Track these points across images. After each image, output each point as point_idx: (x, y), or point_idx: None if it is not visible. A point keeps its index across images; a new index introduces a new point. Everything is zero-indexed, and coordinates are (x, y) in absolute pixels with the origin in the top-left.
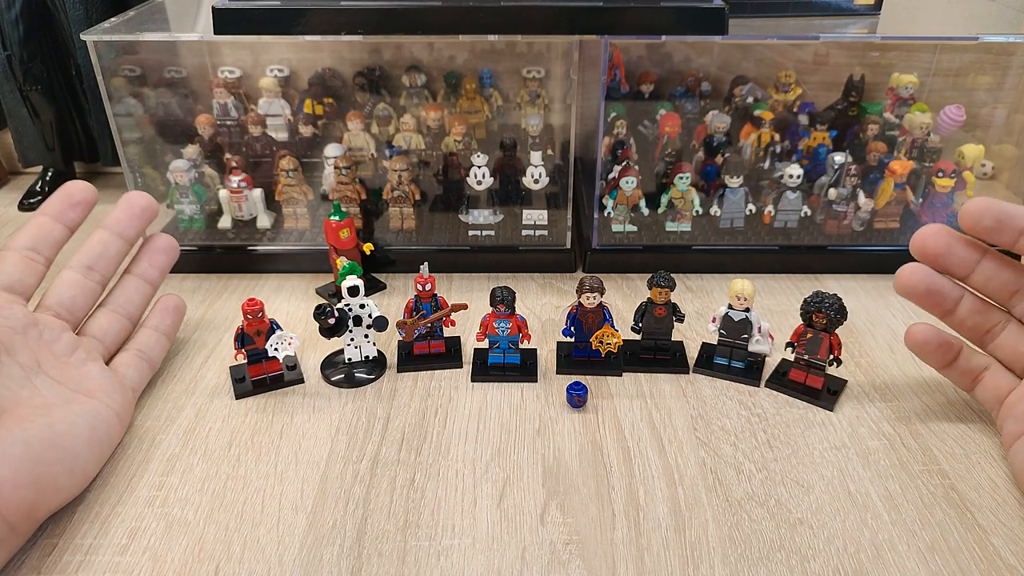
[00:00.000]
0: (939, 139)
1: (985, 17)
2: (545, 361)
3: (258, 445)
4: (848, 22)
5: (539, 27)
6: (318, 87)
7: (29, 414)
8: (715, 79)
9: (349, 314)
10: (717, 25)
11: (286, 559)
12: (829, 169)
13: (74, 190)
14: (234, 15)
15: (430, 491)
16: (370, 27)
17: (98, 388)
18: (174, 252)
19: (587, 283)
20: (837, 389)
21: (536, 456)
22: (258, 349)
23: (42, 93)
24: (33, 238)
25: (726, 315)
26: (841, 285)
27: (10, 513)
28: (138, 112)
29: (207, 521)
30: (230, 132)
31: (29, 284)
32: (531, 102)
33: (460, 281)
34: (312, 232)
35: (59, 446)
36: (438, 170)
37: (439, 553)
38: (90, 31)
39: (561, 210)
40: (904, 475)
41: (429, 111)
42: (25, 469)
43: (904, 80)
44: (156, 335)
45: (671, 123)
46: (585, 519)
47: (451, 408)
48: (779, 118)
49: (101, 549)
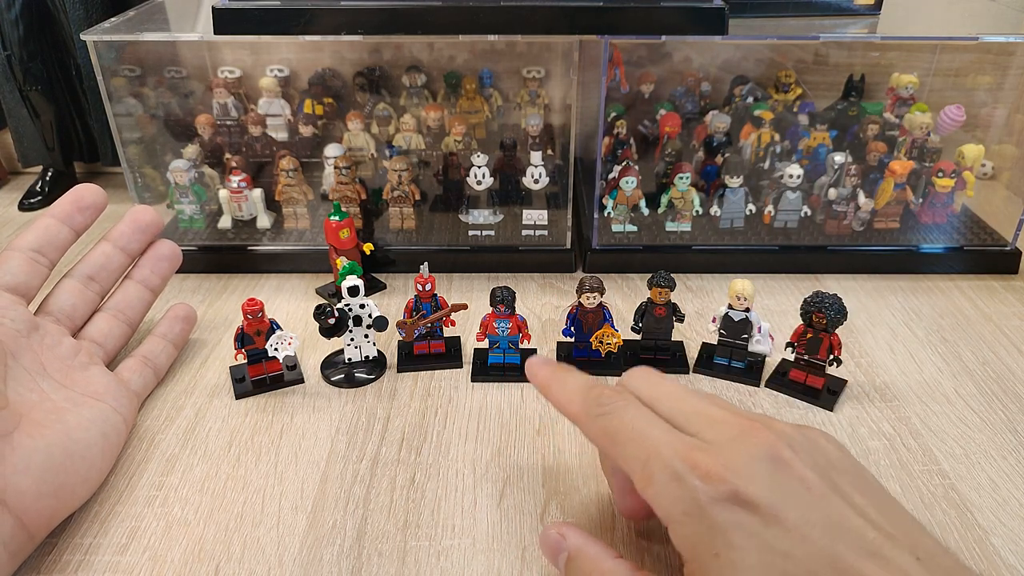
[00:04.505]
0: (939, 139)
1: (985, 17)
2: None
3: (258, 445)
4: (848, 22)
5: (539, 27)
6: (318, 87)
7: (43, 418)
8: (715, 79)
9: (349, 314)
10: (717, 25)
11: (286, 559)
12: (829, 169)
13: (85, 193)
14: (234, 15)
15: (430, 491)
16: (370, 27)
17: (104, 391)
18: (176, 260)
19: (587, 283)
20: (837, 389)
21: (536, 456)
22: (258, 349)
23: (42, 93)
24: (39, 240)
25: (726, 315)
26: (841, 285)
27: (32, 522)
28: (138, 112)
29: (207, 521)
30: (230, 132)
31: (32, 286)
32: (531, 102)
33: (460, 281)
34: (312, 232)
35: (77, 454)
36: (438, 170)
37: (439, 553)
38: (90, 31)
39: (561, 210)
40: (904, 475)
41: (429, 111)
42: (47, 479)
43: (904, 80)
44: (163, 343)
45: (671, 123)
46: (585, 519)
47: (451, 408)
48: (779, 118)
49: (101, 549)
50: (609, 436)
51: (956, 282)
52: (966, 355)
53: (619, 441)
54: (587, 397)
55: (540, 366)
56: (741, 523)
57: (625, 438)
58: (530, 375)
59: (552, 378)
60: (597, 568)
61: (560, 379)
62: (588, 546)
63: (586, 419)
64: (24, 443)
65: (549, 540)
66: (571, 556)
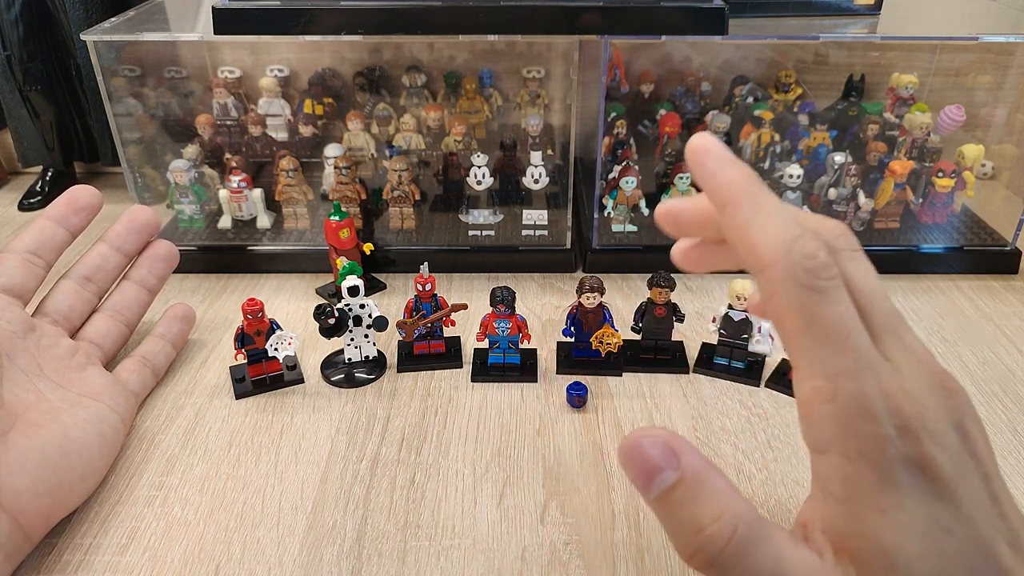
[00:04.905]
0: (939, 139)
1: (985, 17)
2: (545, 361)
3: (258, 445)
4: (848, 22)
5: (539, 27)
6: (318, 87)
7: (39, 418)
8: (715, 79)
9: (349, 314)
10: (717, 25)
11: (286, 559)
12: (829, 169)
13: (80, 194)
14: (234, 15)
15: (430, 491)
16: (370, 27)
17: (101, 391)
18: (174, 260)
19: (587, 283)
20: None
21: (536, 456)
22: (258, 349)
23: (42, 93)
24: (35, 241)
25: (726, 315)
26: None
27: (28, 522)
28: (138, 112)
29: (207, 521)
30: (230, 132)
31: (29, 288)
32: (531, 102)
33: (460, 281)
34: (312, 232)
35: (74, 454)
36: (438, 170)
37: (439, 553)
38: (90, 31)
39: (561, 210)
40: None
41: (429, 111)
42: (44, 478)
43: (904, 80)
44: (162, 343)
45: (671, 123)
46: (585, 519)
47: (451, 408)
48: (779, 118)
49: (101, 549)
50: (805, 317)
51: (956, 282)
52: (966, 355)
53: (813, 330)
54: (793, 250)
55: (730, 164)
56: (919, 489)
57: (823, 333)
58: (710, 162)
59: (747, 193)
60: (729, 510)
61: (757, 204)
62: (712, 476)
63: (783, 278)
64: (20, 443)
65: (643, 453)
66: (684, 481)
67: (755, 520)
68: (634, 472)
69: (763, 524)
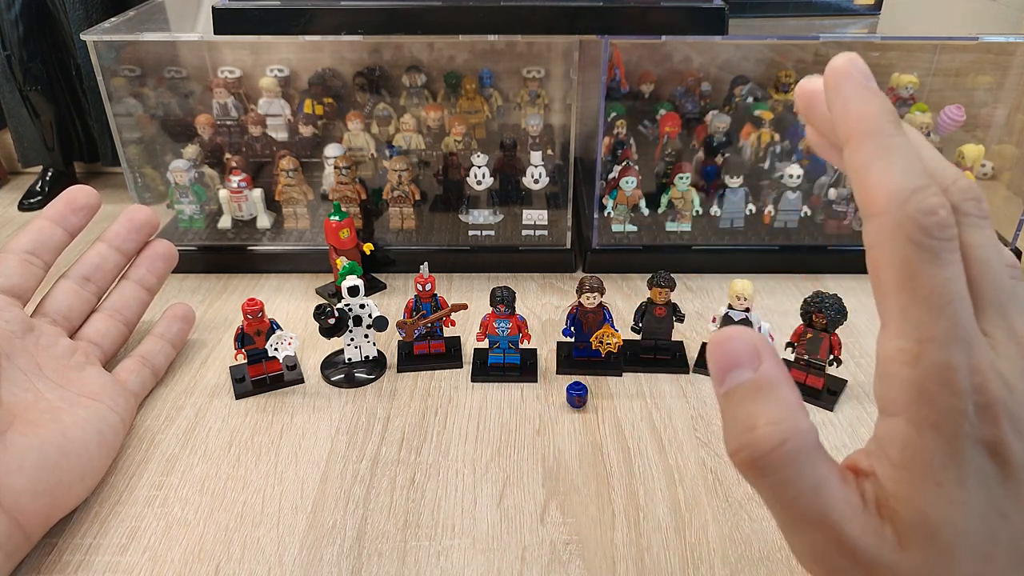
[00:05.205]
0: (939, 139)
1: (985, 17)
2: (545, 361)
3: (258, 445)
4: (848, 22)
5: (539, 27)
6: (318, 87)
7: (38, 418)
8: (715, 79)
9: (349, 314)
10: (717, 25)
11: (286, 559)
12: (829, 169)
13: (78, 195)
14: (234, 15)
15: (430, 491)
16: (370, 27)
17: (100, 391)
18: (173, 259)
19: (587, 283)
20: (837, 389)
21: (536, 456)
22: (258, 349)
23: (42, 93)
24: (33, 242)
25: (726, 315)
26: (841, 285)
27: (27, 522)
28: (138, 112)
29: (207, 521)
30: (230, 132)
31: (27, 288)
32: (531, 102)
33: (460, 281)
34: (312, 232)
35: (72, 453)
36: (438, 170)
37: (439, 553)
38: (90, 31)
39: (561, 210)
40: None
41: (429, 111)
42: (42, 478)
43: (904, 80)
44: (161, 343)
45: (671, 123)
46: (585, 519)
47: (451, 408)
48: (779, 118)
49: (101, 549)
50: (907, 274)
51: None
52: None
53: (912, 289)
54: (911, 201)
55: (869, 95)
56: (985, 471)
57: (922, 294)
58: (847, 87)
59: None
60: (789, 421)
61: (885, 145)
62: (784, 387)
63: (892, 229)
64: (18, 442)
65: (731, 345)
66: (757, 382)
67: (812, 442)
68: (715, 363)
69: (818, 450)
